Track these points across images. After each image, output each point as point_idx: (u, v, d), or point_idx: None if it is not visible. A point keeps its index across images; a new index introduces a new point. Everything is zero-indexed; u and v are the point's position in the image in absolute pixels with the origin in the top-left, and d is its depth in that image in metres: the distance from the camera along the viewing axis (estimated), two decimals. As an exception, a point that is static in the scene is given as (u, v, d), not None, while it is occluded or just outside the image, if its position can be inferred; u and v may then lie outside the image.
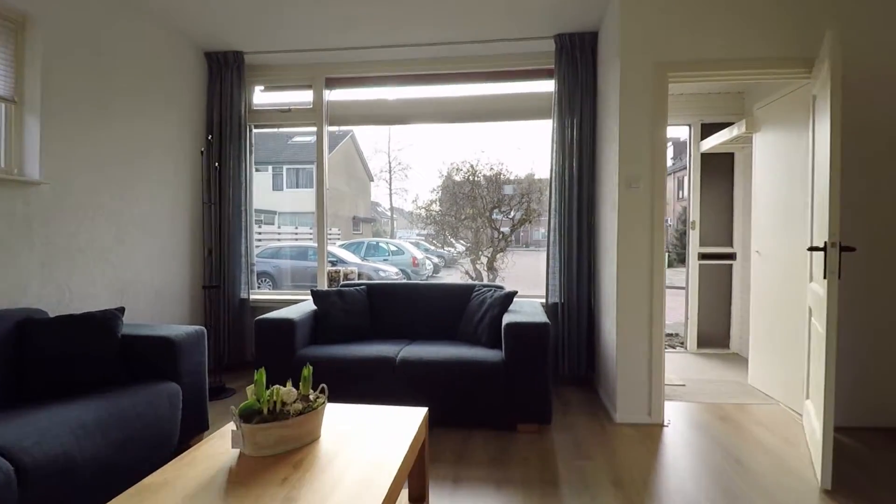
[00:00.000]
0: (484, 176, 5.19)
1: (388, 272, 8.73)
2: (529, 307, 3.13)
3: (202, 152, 3.49)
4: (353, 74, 3.93)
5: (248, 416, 1.50)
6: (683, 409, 3.01)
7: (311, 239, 9.05)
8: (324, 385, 1.74)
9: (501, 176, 5.20)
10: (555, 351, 3.47)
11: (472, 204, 5.10)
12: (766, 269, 3.25)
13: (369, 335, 3.29)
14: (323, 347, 2.96)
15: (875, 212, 2.67)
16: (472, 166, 5.22)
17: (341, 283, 3.92)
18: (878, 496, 1.98)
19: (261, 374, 1.58)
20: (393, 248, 11.02)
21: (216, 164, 3.70)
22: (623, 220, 2.81)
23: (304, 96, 4.02)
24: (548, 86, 3.83)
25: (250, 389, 1.57)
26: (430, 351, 2.84)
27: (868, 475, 2.16)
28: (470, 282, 3.58)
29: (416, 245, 10.32)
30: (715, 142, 3.83)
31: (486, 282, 5.13)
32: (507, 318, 2.80)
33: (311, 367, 1.71)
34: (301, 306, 3.24)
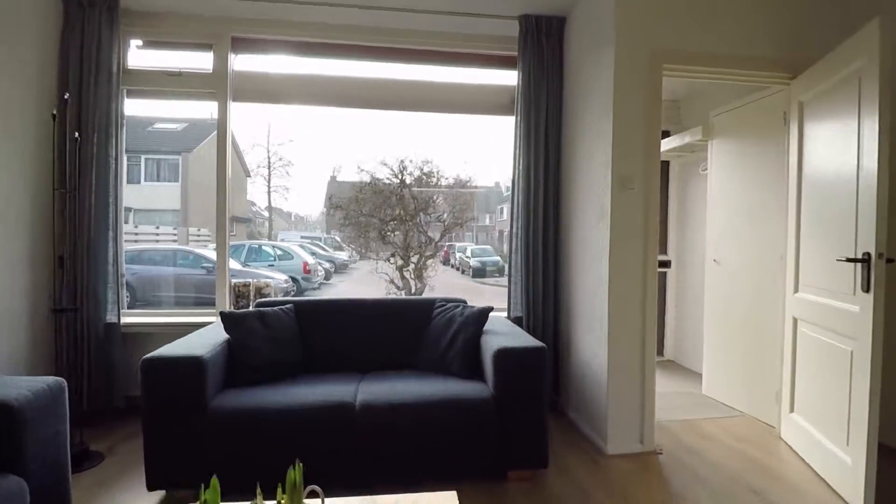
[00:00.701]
0: (413, 175, 4.65)
1: (277, 280, 7.68)
2: (502, 325, 2.67)
3: (54, 116, 2.41)
4: (270, 36, 3.13)
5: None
6: (658, 430, 2.77)
7: (175, 240, 7.64)
8: (315, 487, 1.07)
9: (433, 178, 4.70)
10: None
11: (401, 204, 4.51)
12: (724, 278, 3.21)
13: (303, 371, 2.53)
14: (245, 393, 2.16)
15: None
16: (401, 163, 4.64)
17: (254, 300, 3.06)
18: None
19: (214, 489, 0.88)
20: (279, 251, 9.86)
21: (76, 134, 2.61)
22: (616, 226, 2.49)
23: (202, 60, 3.10)
24: (507, 77, 3.43)
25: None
26: (395, 389, 2.21)
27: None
28: (429, 296, 3.03)
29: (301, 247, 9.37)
30: (664, 147, 3.78)
31: (416, 292, 4.56)
32: (492, 342, 2.29)
33: (300, 467, 1.02)
34: (204, 335, 2.38)
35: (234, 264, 8.68)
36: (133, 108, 3.09)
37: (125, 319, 2.90)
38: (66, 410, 1.67)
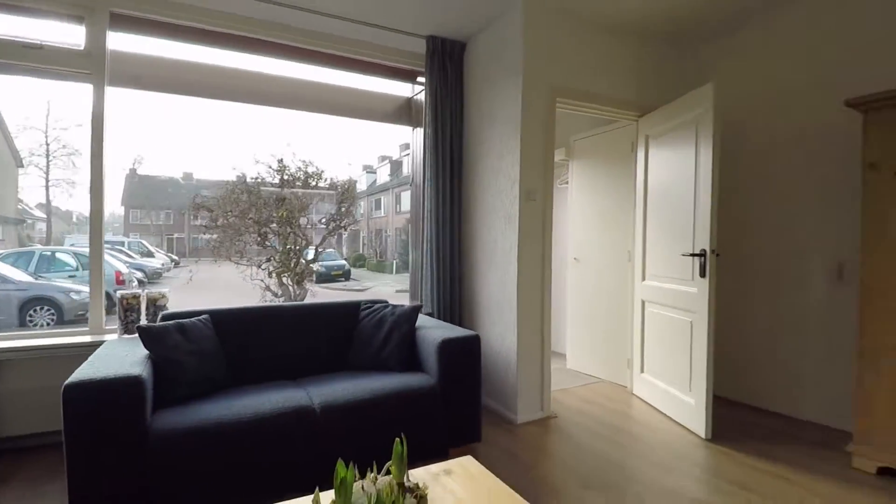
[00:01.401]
0: (293, 175, 4.45)
1: (84, 293, 6.48)
2: (424, 320, 2.89)
3: None
4: (158, 17, 2.80)
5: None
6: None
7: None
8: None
9: (313, 179, 4.57)
10: (430, 365, 3.31)
11: (283, 206, 4.29)
12: (584, 272, 3.96)
13: (233, 383, 2.39)
14: (185, 411, 1.98)
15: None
16: (280, 162, 4.40)
17: (149, 313, 2.70)
18: (745, 444, 2.67)
19: (343, 468, 0.97)
20: (83, 259, 8.27)
21: None
22: (523, 230, 2.93)
23: (71, 34, 2.62)
24: (404, 88, 3.66)
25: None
26: (348, 388, 2.27)
27: (732, 429, 2.85)
28: (353, 299, 3.03)
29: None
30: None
31: (296, 299, 4.46)
32: (432, 335, 2.51)
33: (403, 440, 1.14)
34: (116, 354, 2.09)
35: (19, 275, 7.08)
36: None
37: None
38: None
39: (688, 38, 3.42)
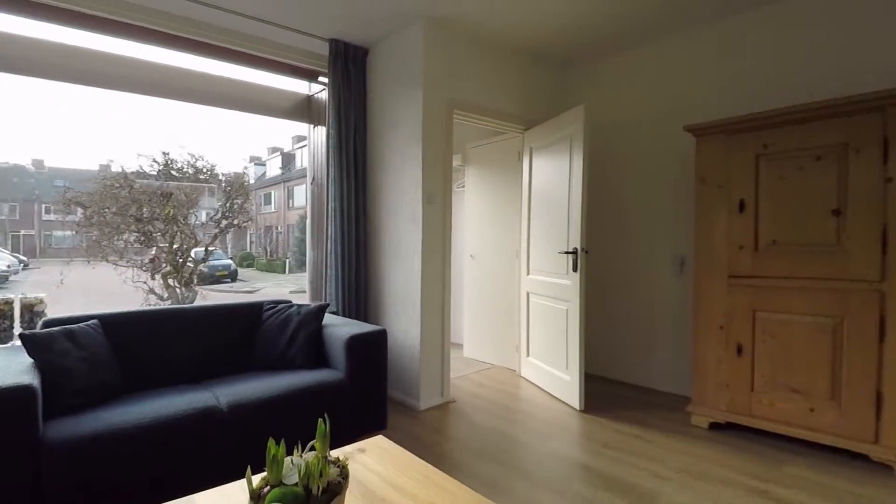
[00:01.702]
0: (181, 171, 4.19)
1: None
2: (329, 318, 3.00)
3: None
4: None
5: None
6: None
7: None
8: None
9: (202, 174, 4.35)
10: (336, 361, 3.41)
11: (166, 203, 4.03)
12: (478, 269, 4.30)
13: (128, 389, 2.30)
14: (80, 420, 1.90)
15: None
16: (166, 156, 4.10)
17: (24, 319, 2.46)
18: (611, 412, 3.16)
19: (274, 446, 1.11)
20: None
21: None
22: (426, 230, 3.16)
23: None
24: (305, 86, 3.69)
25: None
26: (255, 387, 2.31)
27: (602, 401, 3.33)
28: (255, 299, 2.97)
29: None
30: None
31: (184, 301, 4.28)
32: (339, 332, 2.63)
33: (326, 419, 1.28)
34: (-9, 364, 1.93)
35: None
36: None
37: None
38: None
39: (567, 61, 3.89)
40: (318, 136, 3.70)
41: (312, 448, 1.24)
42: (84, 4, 2.68)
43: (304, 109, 3.72)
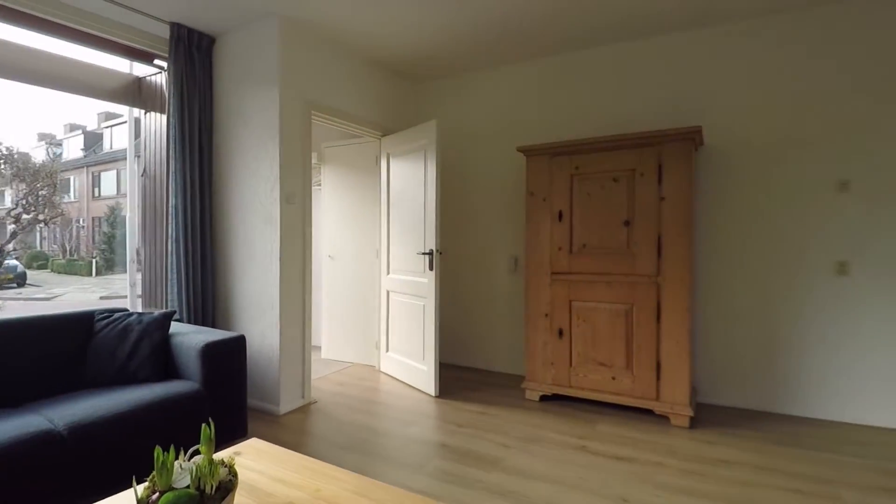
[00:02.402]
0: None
1: None
2: (176, 326, 2.80)
3: None
4: None
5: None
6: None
7: None
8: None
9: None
10: (182, 371, 3.17)
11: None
12: (337, 269, 4.35)
13: (-90, 423, 1.88)
14: None
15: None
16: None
17: None
18: (462, 395, 3.51)
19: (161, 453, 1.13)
20: None
21: None
22: (284, 231, 3.13)
23: None
24: (134, 68, 3.33)
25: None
26: (96, 406, 2.09)
27: (454, 386, 3.67)
28: (83, 308, 2.54)
29: None
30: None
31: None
32: (192, 341, 2.50)
33: (211, 424, 1.29)
34: None
35: None
36: None
37: None
38: None
39: (422, 76, 4.18)
40: (153, 123, 3.37)
41: (196, 453, 1.25)
42: None
43: (134, 92, 3.35)
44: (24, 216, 3.51)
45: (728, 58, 3.17)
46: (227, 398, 2.52)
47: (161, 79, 3.31)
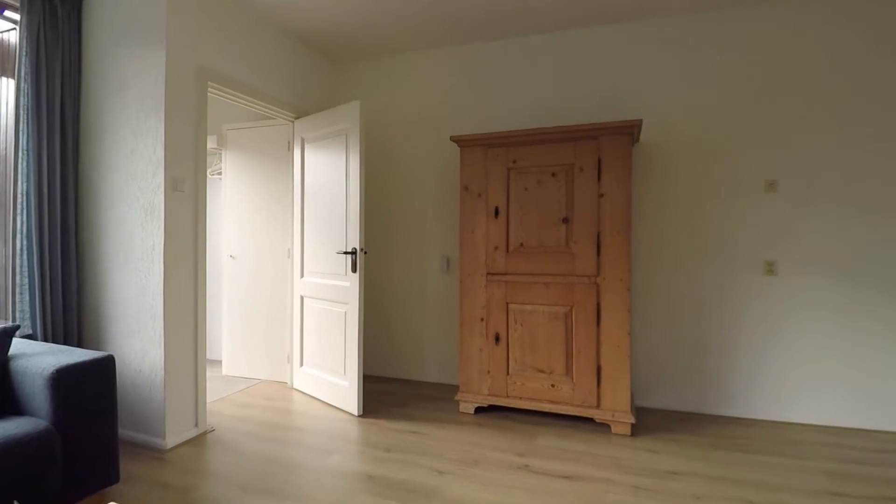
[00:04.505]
0: None
1: None
2: (24, 345, 2.16)
3: None
4: None
5: None
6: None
7: None
8: None
9: None
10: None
11: None
12: (241, 271, 3.78)
13: None
14: None
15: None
16: None
17: None
18: (389, 412, 3.12)
19: None
20: None
21: None
22: (170, 225, 2.57)
23: None
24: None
25: None
26: None
27: (380, 402, 3.26)
28: None
29: None
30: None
31: None
32: (38, 365, 1.90)
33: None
34: None
35: None
36: None
37: None
38: None
39: (344, 58, 3.75)
40: (2, 91, 2.64)
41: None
42: None
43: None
44: None
45: (664, 53, 3.11)
46: (90, 436, 1.95)
47: (14, 36, 2.60)
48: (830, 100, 2.81)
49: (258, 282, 3.74)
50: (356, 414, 3.01)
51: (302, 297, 3.46)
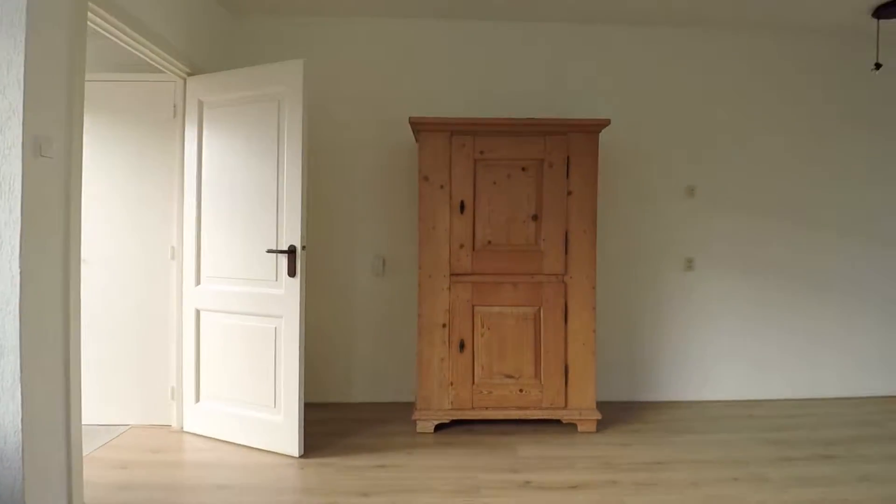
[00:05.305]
0: None
1: None
2: None
3: None
4: None
5: None
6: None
7: None
8: None
9: None
10: None
11: None
12: (96, 280, 2.70)
13: None
14: None
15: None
16: None
17: None
18: (336, 446, 2.53)
19: None
20: None
21: None
22: (30, 210, 1.66)
23: None
24: None
25: None
26: None
27: (324, 435, 2.65)
28: None
29: None
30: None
31: None
32: None
33: None
34: None
35: None
36: None
37: None
38: None
39: (262, 8, 3.01)
40: None
41: None
42: None
43: None
44: None
45: (605, 57, 3.21)
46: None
47: None
48: (747, 111, 3.23)
49: (123, 294, 2.73)
50: (296, 455, 2.39)
51: (198, 311, 2.64)
